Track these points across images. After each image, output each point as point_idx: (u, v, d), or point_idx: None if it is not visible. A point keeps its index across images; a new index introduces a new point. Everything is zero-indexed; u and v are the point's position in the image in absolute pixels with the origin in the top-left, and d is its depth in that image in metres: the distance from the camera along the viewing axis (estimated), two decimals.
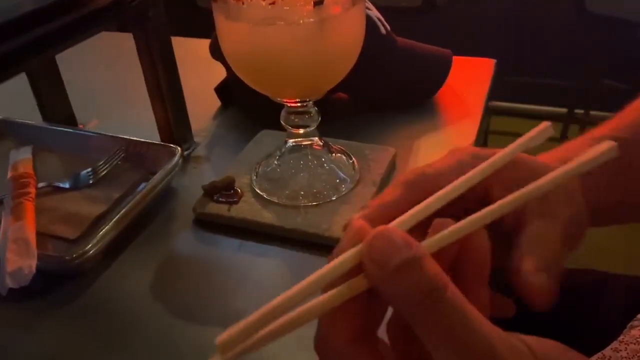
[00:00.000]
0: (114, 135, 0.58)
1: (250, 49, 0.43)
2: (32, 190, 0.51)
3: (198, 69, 0.74)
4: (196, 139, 0.64)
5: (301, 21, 0.41)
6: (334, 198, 0.51)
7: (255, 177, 0.54)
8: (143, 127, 0.60)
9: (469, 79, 0.72)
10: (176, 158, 0.54)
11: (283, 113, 0.50)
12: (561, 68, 1.80)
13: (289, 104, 0.48)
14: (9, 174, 0.54)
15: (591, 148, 0.25)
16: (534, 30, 1.81)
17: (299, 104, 0.48)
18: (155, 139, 0.60)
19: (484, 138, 1.03)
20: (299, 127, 0.50)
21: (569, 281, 0.60)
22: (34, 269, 0.41)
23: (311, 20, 0.41)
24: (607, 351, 0.29)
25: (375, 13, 0.62)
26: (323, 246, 0.47)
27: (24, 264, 0.41)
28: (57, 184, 0.54)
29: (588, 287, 0.58)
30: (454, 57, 0.67)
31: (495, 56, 0.76)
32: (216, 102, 0.71)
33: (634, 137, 0.33)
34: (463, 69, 0.72)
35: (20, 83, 0.65)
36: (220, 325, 0.42)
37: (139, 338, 0.41)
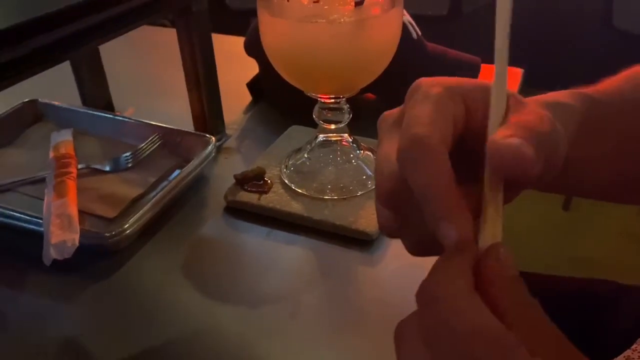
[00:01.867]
0: (151, 122, 0.60)
1: (290, 45, 0.45)
2: (74, 170, 0.53)
3: (231, 65, 0.76)
4: (228, 132, 0.66)
5: (341, 20, 0.43)
6: (359, 193, 0.52)
7: (284, 169, 0.56)
8: (176, 118, 0.63)
9: None
10: (210, 147, 0.56)
11: (316, 108, 0.52)
12: (587, 82, 1.79)
13: (322, 100, 0.50)
14: (51, 154, 0.56)
15: None
16: (561, 43, 1.81)
17: (332, 100, 0.50)
18: (188, 129, 0.62)
19: None
20: (330, 122, 0.52)
21: (587, 291, 0.61)
22: (76, 242, 0.43)
23: (351, 19, 0.43)
24: (620, 358, 0.30)
25: (407, 18, 0.64)
26: (349, 238, 0.49)
27: (67, 237, 0.43)
28: (96, 166, 0.56)
29: (605, 297, 0.58)
30: (482, 65, 0.69)
31: (521, 67, 0.77)
32: (247, 97, 0.73)
33: (607, 99, 0.34)
34: (491, 76, 0.73)
35: (63, 69, 0.68)
36: (247, 306, 0.44)
37: (168, 315, 0.43)
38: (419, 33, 0.65)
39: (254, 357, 0.40)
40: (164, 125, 0.59)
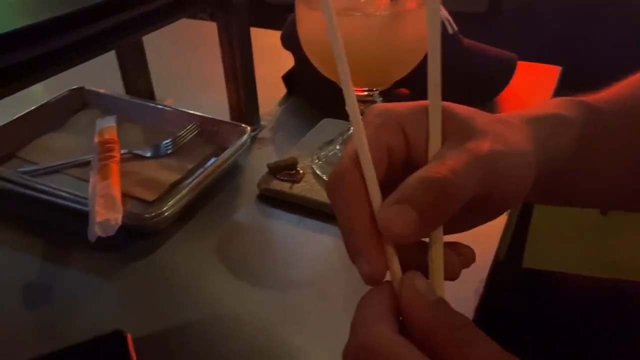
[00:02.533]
0: (190, 112, 0.62)
1: (326, 37, 0.46)
2: (117, 154, 0.56)
3: (266, 58, 0.78)
4: (262, 123, 0.68)
5: (377, 13, 0.44)
6: None
7: (316, 160, 0.57)
8: (213, 109, 0.65)
9: (533, 84, 0.72)
10: (245, 137, 0.58)
11: None
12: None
13: (356, 92, 0.51)
14: (96, 139, 0.59)
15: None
16: (601, 43, 1.76)
17: (366, 93, 0.51)
18: (224, 119, 0.64)
19: None
20: (362, 114, 0.53)
21: (614, 290, 0.60)
22: (119, 221, 0.45)
23: (387, 13, 0.43)
24: None
25: (444, 13, 0.64)
26: None
27: (110, 216, 0.46)
28: (138, 151, 0.59)
29: (632, 296, 0.58)
30: (519, 62, 0.68)
31: (560, 65, 0.76)
32: (282, 90, 0.74)
33: (610, 107, 0.32)
34: (528, 74, 0.73)
35: (107, 59, 0.72)
36: (275, 291, 0.45)
37: (199, 296, 0.45)
38: (455, 29, 0.65)
39: (280, 342, 0.41)
40: (202, 115, 0.62)
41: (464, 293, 0.44)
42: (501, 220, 0.51)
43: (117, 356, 0.38)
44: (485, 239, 0.50)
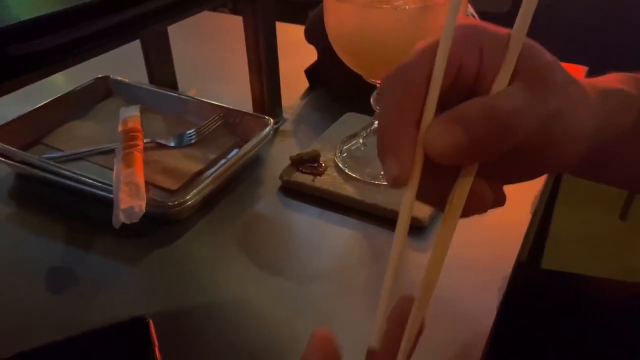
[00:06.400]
0: (214, 102, 0.62)
1: (354, 30, 0.46)
2: (141, 143, 0.57)
3: (289, 52, 0.78)
4: (284, 116, 0.68)
5: (406, 6, 0.43)
6: None
7: (339, 154, 0.57)
8: (235, 101, 0.65)
9: None
10: (268, 129, 0.58)
11: (374, 94, 0.52)
12: None
13: (379, 85, 0.51)
14: (120, 128, 0.60)
15: None
16: (627, 42, 1.73)
17: None
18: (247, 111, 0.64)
19: None
20: None
21: (636, 293, 0.59)
22: (143, 209, 0.46)
23: (415, 6, 0.43)
24: None
25: (470, 9, 0.63)
26: None
27: (135, 203, 0.46)
28: (161, 141, 0.59)
29: None
30: None
31: (586, 65, 0.75)
32: (304, 84, 0.74)
33: None
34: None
35: (132, 49, 0.72)
36: (295, 282, 0.45)
37: (222, 283, 0.46)
38: None
39: (299, 333, 0.41)
40: (226, 106, 0.62)
41: (486, 295, 0.43)
42: (524, 220, 0.51)
43: (139, 341, 0.38)
44: (509, 237, 0.49)
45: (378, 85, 0.51)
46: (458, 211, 0.24)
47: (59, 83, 0.72)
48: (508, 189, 0.28)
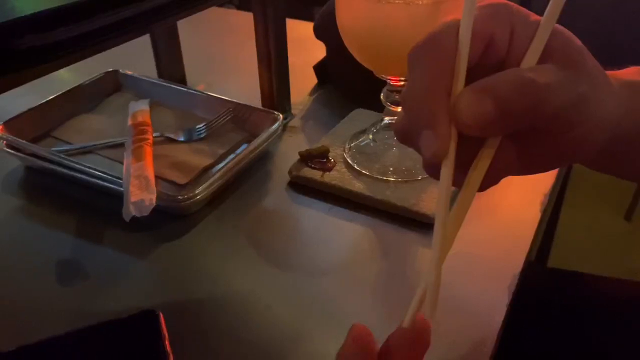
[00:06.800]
0: (223, 97, 0.62)
1: (367, 25, 0.46)
2: (150, 137, 0.57)
3: (297, 48, 0.78)
4: (293, 111, 0.68)
5: (419, 2, 0.43)
6: (421, 177, 0.53)
7: (348, 150, 0.57)
8: (243, 96, 0.65)
9: None
10: (277, 124, 0.58)
11: (384, 90, 0.52)
12: None
13: (392, 82, 0.51)
14: (130, 122, 0.60)
15: None
16: (635, 46, 1.72)
17: (402, 83, 0.50)
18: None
19: None
20: (398, 104, 0.52)
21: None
22: (154, 202, 0.46)
23: (428, 1, 0.43)
24: None
25: None
26: (408, 220, 0.50)
27: (145, 197, 0.46)
28: (170, 135, 0.59)
29: None
30: None
31: None
32: (312, 80, 0.74)
33: None
34: None
35: (141, 43, 0.72)
36: (305, 276, 0.46)
37: (228, 278, 0.46)
38: None
39: (307, 326, 0.41)
40: (235, 101, 0.62)
41: (496, 292, 0.43)
42: (534, 218, 0.51)
43: (149, 334, 0.38)
44: (519, 235, 0.49)
45: (389, 81, 0.51)
46: (480, 177, 0.24)
47: (67, 78, 0.72)
48: (518, 189, 0.28)
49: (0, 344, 0.37)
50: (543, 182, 0.55)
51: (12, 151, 0.55)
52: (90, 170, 0.52)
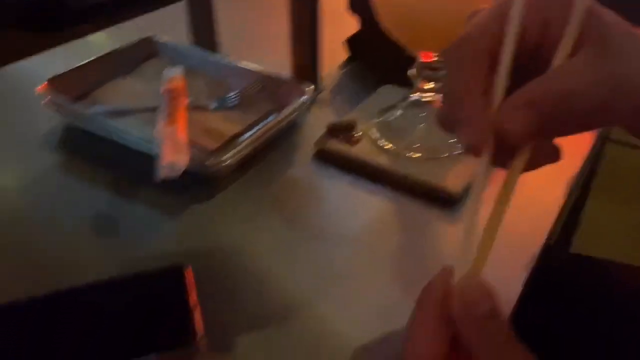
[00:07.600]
0: (255, 68, 0.64)
1: None
2: (184, 102, 0.58)
3: (329, 22, 0.78)
4: (322, 85, 0.68)
5: None
6: (447, 154, 0.53)
7: (375, 125, 0.57)
8: (273, 67, 0.65)
9: None
10: (306, 96, 0.59)
11: (415, 66, 0.53)
12: None
13: (423, 58, 0.51)
14: (165, 87, 0.61)
15: None
16: None
17: (434, 59, 0.50)
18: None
19: (602, 144, 0.99)
20: (430, 79, 0.52)
21: None
22: (184, 165, 0.48)
23: None
24: None
25: None
26: (431, 196, 0.50)
27: (176, 159, 0.48)
28: (202, 102, 0.61)
29: None
30: None
31: None
32: (343, 55, 0.74)
33: None
34: None
35: (176, 11, 0.73)
36: (325, 247, 0.47)
37: (252, 244, 0.47)
38: None
39: (327, 298, 0.42)
40: (266, 71, 0.63)
41: (513, 271, 0.44)
42: (557, 201, 0.51)
43: (178, 287, 0.40)
44: (541, 216, 0.49)
45: (420, 58, 0.51)
46: (521, 166, 0.26)
47: (104, 43, 0.74)
48: (544, 172, 0.29)
49: (37, 289, 0.39)
50: (569, 166, 0.54)
51: (54, 109, 0.58)
52: (125, 131, 0.54)
